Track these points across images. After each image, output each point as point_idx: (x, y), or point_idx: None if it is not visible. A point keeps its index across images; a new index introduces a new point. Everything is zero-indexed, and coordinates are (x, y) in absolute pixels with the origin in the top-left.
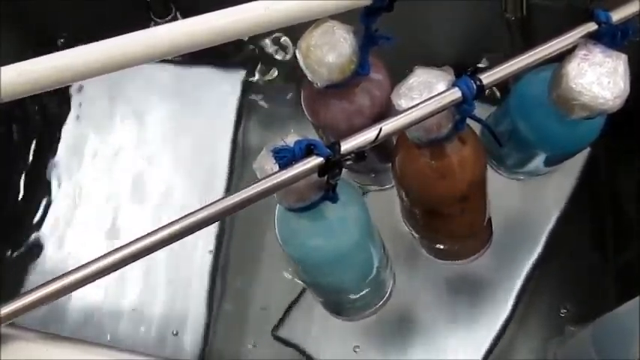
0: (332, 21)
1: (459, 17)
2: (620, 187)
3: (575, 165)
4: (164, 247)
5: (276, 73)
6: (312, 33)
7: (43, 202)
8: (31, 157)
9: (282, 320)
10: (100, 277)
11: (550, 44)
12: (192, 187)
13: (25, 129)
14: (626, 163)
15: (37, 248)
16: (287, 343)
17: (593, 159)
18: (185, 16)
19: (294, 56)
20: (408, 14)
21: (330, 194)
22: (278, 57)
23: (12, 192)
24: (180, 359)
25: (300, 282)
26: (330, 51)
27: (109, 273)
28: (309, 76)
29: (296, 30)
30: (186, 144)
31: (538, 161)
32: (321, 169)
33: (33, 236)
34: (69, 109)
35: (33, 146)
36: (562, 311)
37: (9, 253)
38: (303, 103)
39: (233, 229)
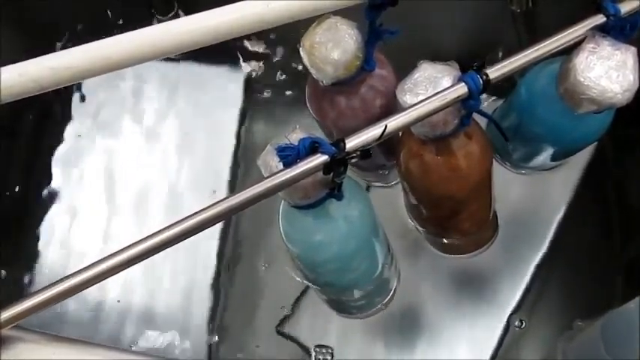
0: (335, 17)
1: (464, 10)
2: (628, 181)
3: (581, 159)
4: (169, 247)
5: (279, 69)
6: (316, 30)
7: (45, 202)
8: (32, 158)
9: (286, 318)
10: (103, 279)
11: (557, 37)
12: (197, 186)
13: (26, 131)
14: (634, 156)
15: (40, 248)
16: (291, 340)
17: (600, 153)
18: (187, 13)
19: (299, 53)
20: (413, 8)
21: (335, 192)
22: (281, 54)
23: (12, 193)
24: (184, 359)
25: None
26: (334, 48)
27: (112, 275)
28: (314, 74)
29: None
30: (189, 142)
31: (545, 155)
32: (326, 168)
33: (35, 236)
34: (70, 108)
35: (34, 147)
36: (570, 306)
37: (9, 254)
38: (307, 100)
39: (237, 226)
